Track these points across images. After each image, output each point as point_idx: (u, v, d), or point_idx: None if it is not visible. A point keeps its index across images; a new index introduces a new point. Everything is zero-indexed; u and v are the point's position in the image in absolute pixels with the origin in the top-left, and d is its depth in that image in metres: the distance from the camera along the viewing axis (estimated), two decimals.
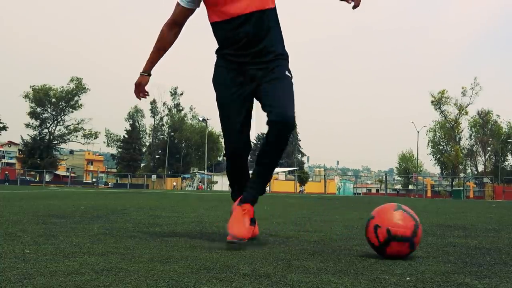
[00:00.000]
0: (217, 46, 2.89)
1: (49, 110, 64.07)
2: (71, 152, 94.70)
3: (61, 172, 71.66)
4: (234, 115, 2.82)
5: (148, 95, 3.15)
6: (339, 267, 2.03)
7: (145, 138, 77.77)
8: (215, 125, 71.26)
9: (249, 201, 2.76)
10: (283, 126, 2.67)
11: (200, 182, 55.85)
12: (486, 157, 65.88)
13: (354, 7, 2.74)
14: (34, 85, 63.35)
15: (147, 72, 3.04)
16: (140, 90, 3.07)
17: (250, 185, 2.82)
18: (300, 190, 47.65)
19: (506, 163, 65.93)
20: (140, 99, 3.12)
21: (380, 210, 2.41)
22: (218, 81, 2.88)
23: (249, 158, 3.03)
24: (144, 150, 77.53)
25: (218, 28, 2.82)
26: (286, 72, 2.81)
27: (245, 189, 2.81)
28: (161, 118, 76.12)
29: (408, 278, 1.82)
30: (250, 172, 2.96)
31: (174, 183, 54.92)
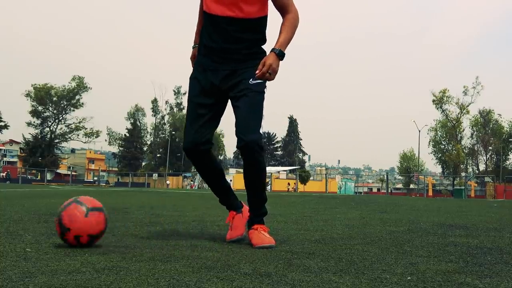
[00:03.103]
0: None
1: (50, 108, 64.03)
2: (73, 150, 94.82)
3: (62, 170, 71.73)
4: (196, 112, 2.87)
5: None
6: (340, 266, 2.03)
7: (146, 136, 77.79)
8: None
9: (256, 223, 2.82)
10: (248, 151, 2.70)
11: (191, 181, 55.79)
12: (488, 156, 65.78)
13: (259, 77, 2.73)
14: (35, 84, 63.38)
15: (197, 43, 3.00)
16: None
17: (250, 210, 2.89)
18: (288, 189, 46.88)
19: (508, 162, 65.82)
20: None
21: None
22: (193, 76, 2.92)
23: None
24: (145, 148, 77.53)
25: (206, 18, 2.83)
26: (252, 81, 2.74)
27: (250, 213, 2.89)
28: (163, 117, 76.15)
29: (409, 278, 1.82)
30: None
31: (168, 182, 54.78)
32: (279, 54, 2.72)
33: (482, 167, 65.56)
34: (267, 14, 2.83)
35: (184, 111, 75.77)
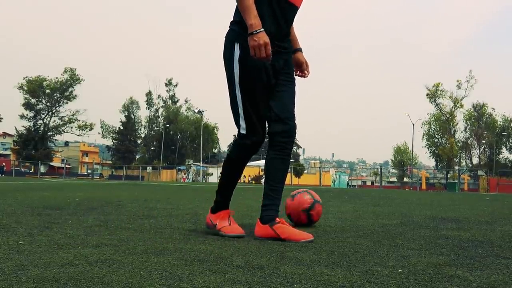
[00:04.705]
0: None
1: (43, 101, 63.81)
2: (66, 143, 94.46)
3: (56, 163, 71.47)
4: (265, 102, 2.73)
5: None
6: (332, 259, 2.05)
7: (140, 129, 77.73)
8: (210, 117, 71.24)
9: (277, 216, 2.71)
10: (292, 136, 2.75)
11: (184, 174, 55.77)
12: (481, 150, 66.11)
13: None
14: (27, 77, 63.07)
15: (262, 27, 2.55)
16: (269, 48, 2.53)
17: (275, 203, 2.73)
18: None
19: (501, 156, 66.19)
20: (268, 60, 2.59)
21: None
22: (255, 64, 2.63)
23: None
24: (139, 141, 77.47)
25: (278, 3, 2.64)
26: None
27: (264, 210, 2.72)
28: (157, 110, 76.05)
29: (400, 270, 1.84)
30: None
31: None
32: None
33: (475, 160, 65.92)
34: None
35: (178, 104, 75.81)
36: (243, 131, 2.76)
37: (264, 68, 2.68)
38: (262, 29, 2.53)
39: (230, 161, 2.90)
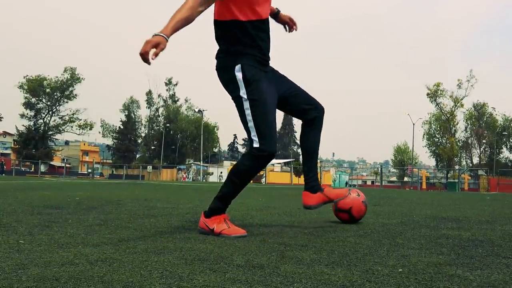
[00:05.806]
0: (237, 46, 2.83)
1: (44, 100, 63.82)
2: (67, 142, 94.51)
3: (56, 162, 71.47)
4: (274, 113, 2.89)
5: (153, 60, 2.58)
6: (332, 259, 2.05)
7: (140, 129, 77.69)
8: (211, 117, 71.27)
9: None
10: (323, 117, 3.21)
11: (184, 174, 55.80)
12: (481, 149, 66.08)
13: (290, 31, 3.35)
14: (27, 76, 63.08)
15: (167, 36, 2.57)
16: (157, 51, 2.53)
17: (314, 175, 3.18)
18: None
19: (501, 155, 66.12)
20: (149, 63, 2.56)
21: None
22: (257, 79, 2.83)
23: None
24: (139, 141, 77.45)
25: (252, 26, 2.83)
26: None
27: (312, 180, 3.16)
28: (157, 109, 76.01)
29: (401, 270, 1.84)
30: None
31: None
32: None
33: (475, 160, 65.87)
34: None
35: (179, 103, 75.82)
36: (256, 145, 2.81)
37: (265, 78, 2.89)
38: (164, 36, 2.54)
39: (240, 173, 2.88)
